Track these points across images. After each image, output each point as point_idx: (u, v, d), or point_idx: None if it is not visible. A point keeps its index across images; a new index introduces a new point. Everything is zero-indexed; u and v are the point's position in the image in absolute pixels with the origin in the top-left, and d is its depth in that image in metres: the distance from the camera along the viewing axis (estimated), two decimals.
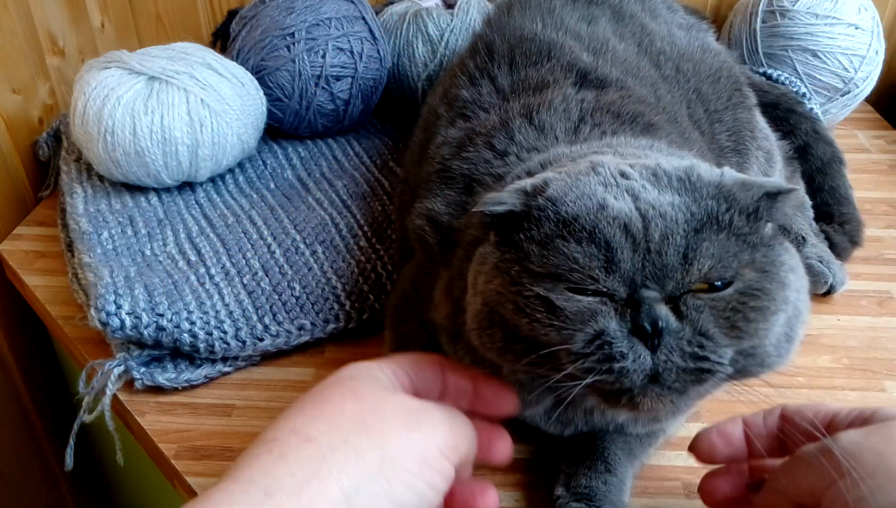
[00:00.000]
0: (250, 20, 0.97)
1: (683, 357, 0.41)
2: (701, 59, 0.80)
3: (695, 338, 0.41)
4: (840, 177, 0.90)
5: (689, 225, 0.42)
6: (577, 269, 0.42)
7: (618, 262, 0.42)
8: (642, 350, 0.41)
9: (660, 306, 0.42)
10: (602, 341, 0.41)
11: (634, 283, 0.42)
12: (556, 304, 0.42)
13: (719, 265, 0.42)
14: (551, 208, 0.44)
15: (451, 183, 0.61)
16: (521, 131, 0.60)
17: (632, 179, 0.45)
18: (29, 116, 0.96)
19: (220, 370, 0.70)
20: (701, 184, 0.45)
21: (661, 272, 0.42)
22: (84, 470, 1.10)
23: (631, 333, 0.41)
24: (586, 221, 0.43)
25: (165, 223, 0.84)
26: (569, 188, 0.45)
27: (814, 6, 1.01)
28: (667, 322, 0.41)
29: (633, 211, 0.43)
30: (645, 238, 0.42)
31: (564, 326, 0.42)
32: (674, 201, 0.43)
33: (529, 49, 0.69)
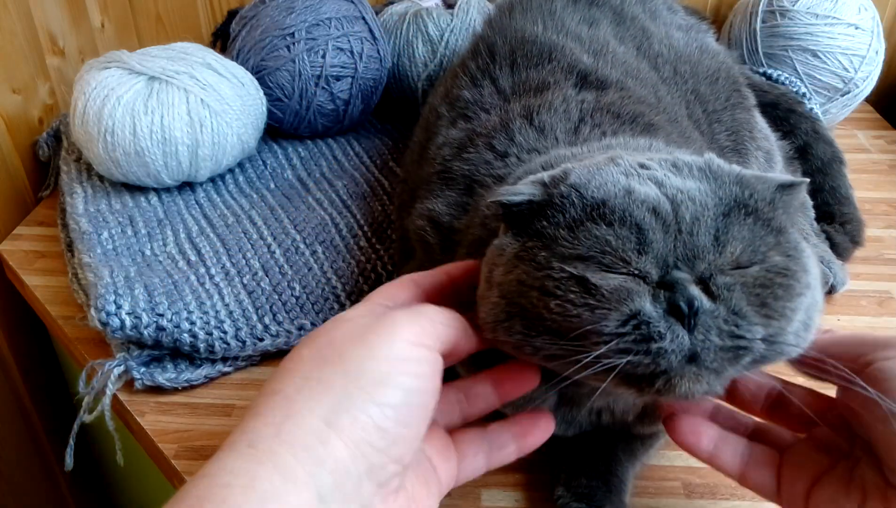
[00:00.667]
0: (250, 20, 0.97)
1: (721, 336, 0.40)
2: (699, 61, 0.80)
3: (730, 317, 0.41)
4: (840, 177, 0.90)
5: (717, 209, 0.43)
6: (610, 251, 0.42)
7: (650, 243, 0.42)
8: (680, 331, 0.40)
9: (693, 286, 0.41)
10: (639, 320, 0.40)
11: (666, 264, 0.42)
12: (592, 281, 0.41)
13: (749, 249, 0.42)
14: (575, 195, 0.44)
15: (451, 184, 0.61)
16: (521, 132, 0.60)
17: (652, 169, 0.45)
18: (29, 116, 0.96)
19: (220, 370, 0.70)
20: (721, 173, 0.45)
21: (693, 254, 0.42)
22: (84, 470, 1.10)
23: (667, 313, 0.40)
24: (615, 204, 0.43)
25: (165, 223, 0.84)
26: (591, 176, 0.45)
27: (814, 6, 1.01)
28: (701, 302, 0.41)
29: (661, 196, 0.43)
30: (675, 220, 0.42)
31: (599, 304, 0.41)
32: (700, 187, 0.43)
33: (531, 51, 0.69)
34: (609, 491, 0.56)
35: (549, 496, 0.58)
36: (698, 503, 0.60)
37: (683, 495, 0.60)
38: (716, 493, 0.61)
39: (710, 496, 0.60)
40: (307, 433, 0.37)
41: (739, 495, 0.60)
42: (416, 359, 0.41)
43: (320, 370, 0.39)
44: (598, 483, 0.56)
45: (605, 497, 0.56)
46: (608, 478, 0.57)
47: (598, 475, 0.57)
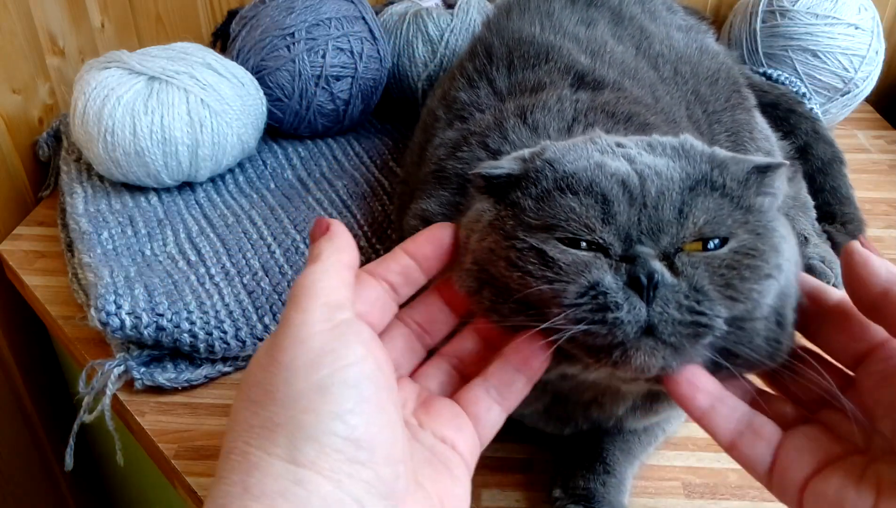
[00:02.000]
0: (250, 20, 0.97)
1: (680, 310, 0.40)
2: (699, 61, 0.80)
3: (691, 292, 0.40)
4: (841, 177, 0.90)
5: (683, 183, 0.43)
6: (574, 218, 0.42)
7: (614, 214, 0.42)
8: (637, 302, 0.40)
9: (655, 261, 0.41)
10: (596, 291, 0.40)
11: (630, 238, 0.42)
12: (550, 255, 0.41)
13: (713, 221, 0.42)
14: (549, 168, 0.45)
15: (445, 184, 0.61)
16: (514, 131, 0.60)
17: (628, 147, 0.46)
18: (29, 116, 0.96)
19: (220, 370, 0.70)
20: (694, 152, 0.46)
21: (657, 227, 0.42)
22: (84, 470, 1.10)
23: (626, 285, 0.40)
24: (584, 176, 0.43)
25: (165, 223, 0.84)
26: (567, 151, 0.46)
27: (814, 6, 1.01)
28: (662, 276, 0.40)
29: (630, 171, 0.44)
30: (642, 193, 0.42)
31: (557, 277, 0.41)
32: (668, 164, 0.44)
33: (527, 52, 0.69)
34: (607, 492, 0.56)
35: (548, 496, 0.58)
36: (698, 503, 0.60)
37: (683, 495, 0.60)
38: (716, 493, 0.61)
39: (710, 496, 0.60)
40: (277, 480, 0.33)
41: (739, 495, 0.60)
42: (342, 343, 0.36)
43: (258, 413, 0.35)
44: (596, 483, 0.57)
45: (604, 499, 0.56)
46: (606, 479, 0.57)
47: (596, 475, 0.57)
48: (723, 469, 0.62)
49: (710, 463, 0.63)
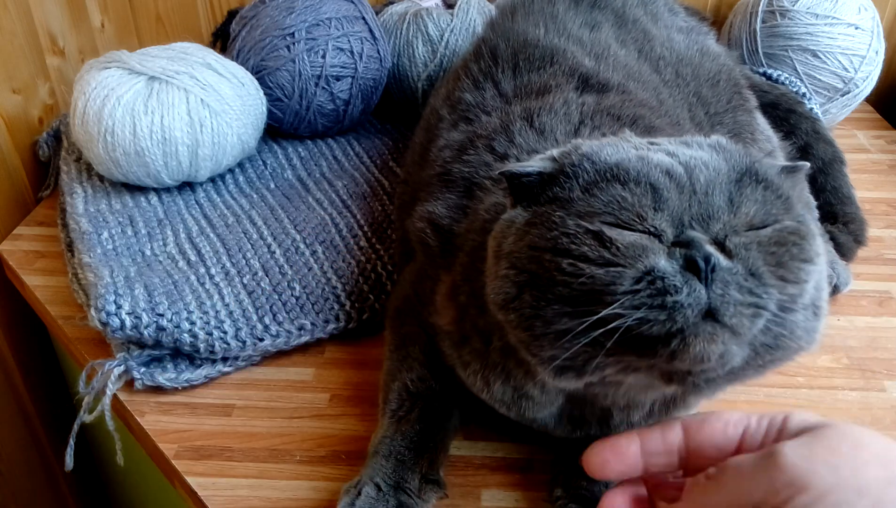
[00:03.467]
0: (250, 20, 0.97)
1: (741, 291, 0.40)
2: (700, 64, 0.80)
3: (748, 275, 0.40)
4: (842, 177, 0.90)
5: (730, 174, 0.44)
6: (627, 207, 0.42)
7: (665, 200, 0.42)
8: (697, 285, 0.39)
9: (709, 244, 0.41)
10: (653, 276, 0.39)
11: (682, 223, 0.42)
12: (608, 234, 0.41)
13: (762, 211, 0.43)
14: (588, 162, 0.45)
15: (451, 186, 0.61)
16: (521, 134, 0.60)
17: (663, 144, 0.47)
18: (29, 116, 0.96)
19: (220, 370, 0.70)
20: (730, 148, 0.46)
21: (708, 214, 0.42)
22: (84, 470, 1.10)
23: (684, 269, 0.40)
24: (629, 166, 0.43)
25: (165, 223, 0.84)
26: (602, 147, 0.46)
27: (814, 6, 1.01)
28: (718, 259, 0.40)
29: (674, 162, 0.44)
30: (690, 181, 0.43)
31: (614, 259, 0.40)
32: (711, 157, 0.45)
33: (532, 54, 0.70)
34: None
35: (549, 496, 0.58)
36: None
37: None
38: None
39: None
40: None
41: None
42: None
43: None
44: (597, 484, 0.56)
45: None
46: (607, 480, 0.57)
47: None
48: None
49: None
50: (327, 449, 0.64)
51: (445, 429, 0.61)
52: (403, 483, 0.56)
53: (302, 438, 0.65)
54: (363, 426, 0.65)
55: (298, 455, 0.63)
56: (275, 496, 0.60)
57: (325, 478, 0.61)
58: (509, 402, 0.55)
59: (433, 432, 0.59)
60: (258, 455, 0.63)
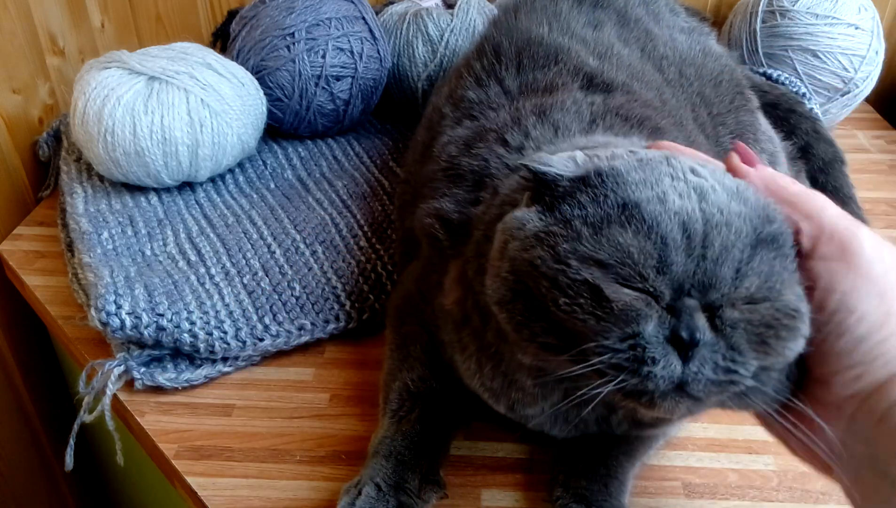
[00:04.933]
0: (250, 20, 0.97)
1: (715, 370, 0.41)
2: (702, 64, 0.80)
3: (728, 352, 0.41)
4: (842, 177, 0.90)
5: (748, 239, 0.42)
6: (630, 264, 0.41)
7: (670, 264, 0.41)
8: (674, 359, 0.41)
9: (699, 315, 0.41)
10: (637, 342, 0.41)
11: (682, 288, 0.42)
12: (605, 293, 0.41)
13: (765, 285, 0.42)
14: (612, 184, 0.43)
15: (459, 181, 0.61)
16: (535, 128, 0.60)
17: (702, 176, 0.44)
18: (29, 116, 0.96)
19: (220, 370, 0.70)
20: (755, 203, 0.44)
21: (710, 282, 0.42)
22: (84, 470, 1.10)
23: (667, 340, 0.41)
24: (647, 210, 0.42)
25: (165, 223, 0.84)
26: (633, 169, 0.44)
27: (814, 6, 1.01)
28: (704, 335, 0.41)
29: (697, 211, 0.42)
30: (703, 243, 0.41)
31: (606, 317, 0.41)
32: (741, 211, 0.43)
33: (536, 52, 0.69)
34: (609, 494, 0.56)
35: (549, 496, 0.58)
36: (698, 503, 0.60)
37: (683, 495, 0.60)
38: (716, 493, 0.61)
39: (710, 496, 0.60)
40: None
41: (739, 495, 0.60)
42: None
43: None
44: (597, 484, 0.56)
45: (604, 499, 0.56)
46: (607, 480, 0.57)
47: (597, 476, 0.57)
48: (723, 468, 0.62)
49: (710, 463, 0.63)
50: (327, 449, 0.64)
51: (446, 429, 0.61)
52: (403, 484, 0.55)
53: (302, 438, 0.65)
54: (363, 427, 0.65)
55: (298, 455, 0.63)
56: (275, 496, 0.60)
57: (325, 478, 0.61)
58: (498, 391, 0.54)
59: (434, 432, 0.59)
60: (258, 455, 0.63)
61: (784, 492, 0.61)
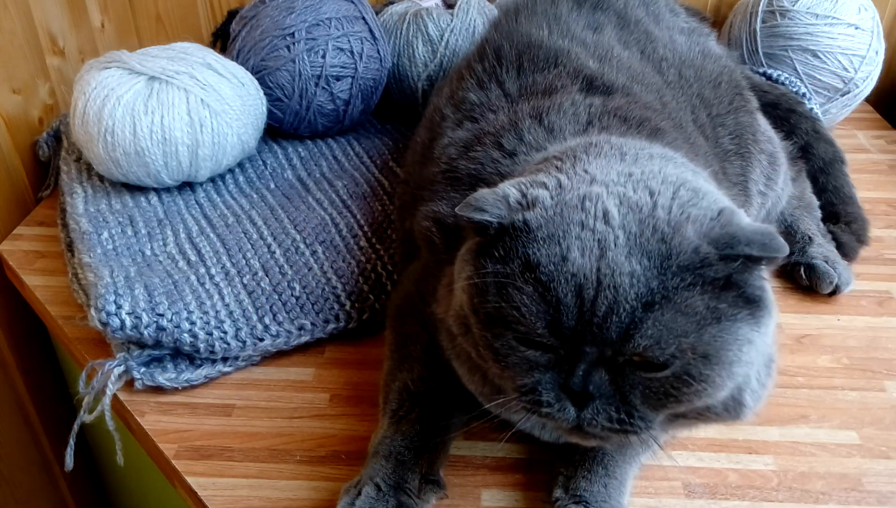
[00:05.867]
0: (250, 20, 0.97)
1: (609, 420, 0.45)
2: (702, 65, 0.80)
3: (622, 406, 0.45)
4: (843, 176, 0.90)
5: (639, 300, 0.43)
6: (524, 323, 0.45)
7: (563, 324, 0.44)
8: (568, 405, 0.46)
9: (595, 370, 0.45)
10: (533, 393, 0.46)
11: (577, 340, 0.44)
12: (500, 352, 0.46)
13: (656, 347, 0.43)
14: (522, 239, 0.46)
15: (457, 184, 0.61)
16: (530, 132, 0.60)
17: (611, 224, 0.45)
18: (29, 116, 0.96)
19: (220, 370, 0.70)
20: (679, 246, 0.44)
21: (600, 341, 0.44)
22: (84, 470, 1.10)
23: (561, 388, 0.45)
24: (545, 272, 0.44)
25: (165, 223, 0.84)
26: (546, 222, 0.46)
27: (814, 6, 1.01)
28: (598, 389, 0.45)
29: (593, 272, 0.44)
30: (592, 308, 0.43)
31: (506, 368, 0.47)
32: (634, 271, 0.43)
33: (537, 55, 0.70)
34: (608, 495, 0.56)
35: (548, 496, 0.58)
36: (698, 503, 0.60)
37: (683, 495, 0.60)
38: (716, 493, 0.61)
39: (710, 496, 0.60)
40: None
41: (739, 495, 0.60)
42: None
43: None
44: (597, 486, 0.56)
45: (604, 500, 0.56)
46: (607, 481, 0.57)
47: (596, 478, 0.57)
48: (723, 468, 0.62)
49: (710, 463, 0.63)
50: (327, 449, 0.64)
51: (446, 429, 0.61)
52: (403, 484, 0.56)
53: (302, 438, 0.65)
54: (363, 427, 0.65)
55: (298, 455, 0.63)
56: (275, 496, 0.60)
57: (325, 478, 0.61)
58: (489, 396, 0.55)
59: (433, 432, 0.59)
60: (258, 455, 0.63)
61: (784, 492, 0.61)
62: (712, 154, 0.71)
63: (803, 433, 0.66)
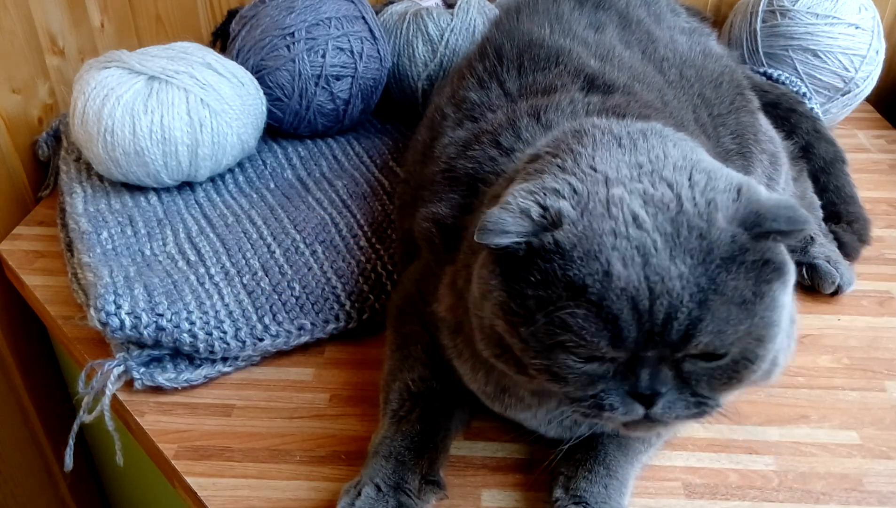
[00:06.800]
0: (250, 20, 0.97)
1: (685, 408, 0.46)
2: (703, 65, 0.80)
3: (694, 398, 0.46)
4: (844, 176, 0.90)
5: (693, 300, 0.43)
6: (584, 345, 0.44)
7: (624, 338, 0.44)
8: (636, 406, 0.46)
9: (660, 369, 0.45)
10: (597, 395, 0.46)
11: (639, 348, 0.44)
12: (558, 374, 0.46)
13: (717, 341, 0.44)
14: (559, 263, 0.44)
15: (455, 185, 0.61)
16: (528, 129, 0.60)
17: (645, 228, 0.44)
18: (29, 116, 0.96)
19: (220, 370, 0.70)
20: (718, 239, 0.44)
21: (662, 345, 0.44)
22: (84, 470, 1.10)
23: (628, 393, 0.46)
24: (594, 292, 0.43)
25: (165, 223, 0.83)
26: (578, 240, 0.44)
27: (814, 6, 1.00)
28: (665, 386, 0.45)
29: (642, 282, 0.43)
30: (650, 315, 0.43)
31: (567, 383, 0.46)
32: (682, 273, 0.43)
33: (538, 54, 0.70)
34: (609, 496, 0.56)
35: (548, 497, 0.58)
36: (698, 503, 0.60)
37: (683, 495, 0.60)
38: (716, 493, 0.60)
39: (710, 496, 0.60)
40: None
41: (739, 495, 0.60)
42: None
43: None
44: (597, 487, 0.56)
45: (604, 501, 0.56)
46: (607, 481, 0.57)
47: (597, 478, 0.57)
48: (723, 469, 0.62)
49: (710, 463, 0.63)
50: (327, 449, 0.64)
51: (446, 430, 0.61)
52: (403, 484, 0.55)
53: (302, 438, 0.65)
54: (363, 427, 0.65)
55: (298, 456, 0.63)
56: (275, 496, 0.60)
57: (325, 478, 0.61)
58: (492, 395, 0.56)
59: (434, 432, 0.59)
60: (258, 455, 0.63)
61: (784, 492, 0.61)
62: (714, 154, 0.71)
63: (804, 433, 0.66)
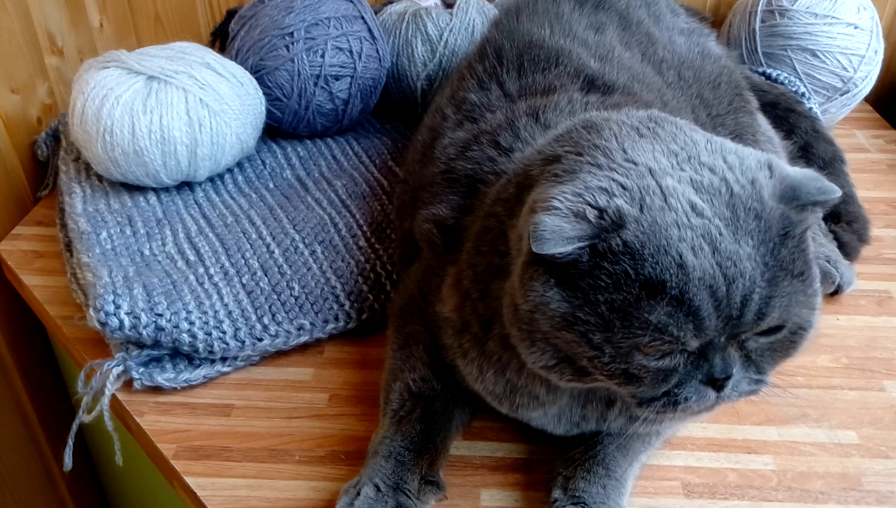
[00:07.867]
0: (249, 20, 0.97)
1: (749, 384, 0.48)
2: (701, 66, 0.80)
3: (757, 375, 0.48)
4: (843, 175, 0.90)
5: (763, 277, 0.44)
6: (669, 339, 0.44)
7: (705, 327, 0.44)
8: (709, 392, 0.47)
9: (730, 352, 0.46)
10: (670, 390, 0.47)
11: (717, 333, 0.45)
12: (636, 376, 0.46)
13: (783, 314, 0.45)
14: (629, 264, 0.44)
15: (455, 186, 0.61)
16: (526, 129, 0.60)
17: (705, 215, 0.44)
18: (28, 116, 0.96)
19: (219, 370, 0.70)
20: (771, 217, 0.45)
21: (738, 327, 0.45)
22: (83, 470, 1.10)
23: (701, 382, 0.46)
24: (672, 285, 0.43)
25: (164, 223, 0.83)
26: (647, 237, 0.44)
27: (813, 6, 1.01)
28: (737, 368, 0.46)
29: (716, 269, 0.43)
30: (728, 301, 0.44)
31: (641, 383, 0.46)
32: (750, 255, 0.44)
33: (538, 55, 0.70)
34: (607, 496, 0.56)
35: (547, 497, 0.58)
36: (698, 503, 0.60)
37: (683, 495, 0.60)
38: (715, 493, 0.61)
39: (710, 496, 0.60)
40: None
41: (739, 494, 0.60)
42: None
43: None
44: (596, 487, 0.56)
45: (602, 501, 0.56)
46: (606, 481, 0.57)
47: (596, 478, 0.57)
48: (722, 468, 0.62)
49: (710, 463, 0.63)
50: (327, 449, 0.64)
51: (446, 430, 0.61)
52: (402, 484, 0.56)
53: (301, 438, 0.65)
54: (363, 427, 0.65)
55: (298, 455, 0.63)
56: (274, 496, 0.60)
57: (324, 478, 0.61)
58: (501, 395, 0.56)
59: (434, 433, 0.59)
60: (257, 455, 0.63)
61: (783, 492, 0.61)
62: None
63: (802, 432, 0.66)
